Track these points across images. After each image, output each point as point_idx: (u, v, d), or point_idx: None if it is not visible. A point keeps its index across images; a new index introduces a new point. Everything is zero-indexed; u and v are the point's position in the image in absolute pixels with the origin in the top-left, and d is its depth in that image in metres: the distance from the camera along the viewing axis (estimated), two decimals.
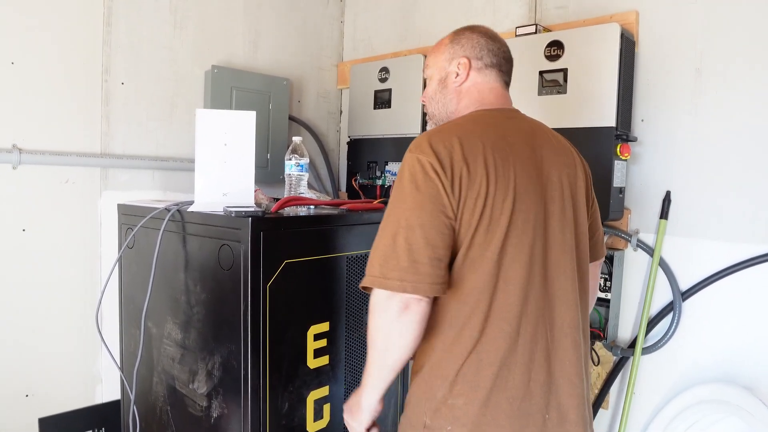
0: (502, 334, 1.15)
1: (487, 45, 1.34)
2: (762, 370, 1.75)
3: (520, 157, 1.21)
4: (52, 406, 2.06)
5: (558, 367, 1.22)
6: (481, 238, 1.15)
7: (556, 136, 1.35)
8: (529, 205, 1.19)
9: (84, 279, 2.13)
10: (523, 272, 1.17)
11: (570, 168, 1.30)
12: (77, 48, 2.08)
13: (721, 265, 1.82)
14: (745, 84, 1.78)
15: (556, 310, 1.22)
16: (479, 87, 1.33)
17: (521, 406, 1.16)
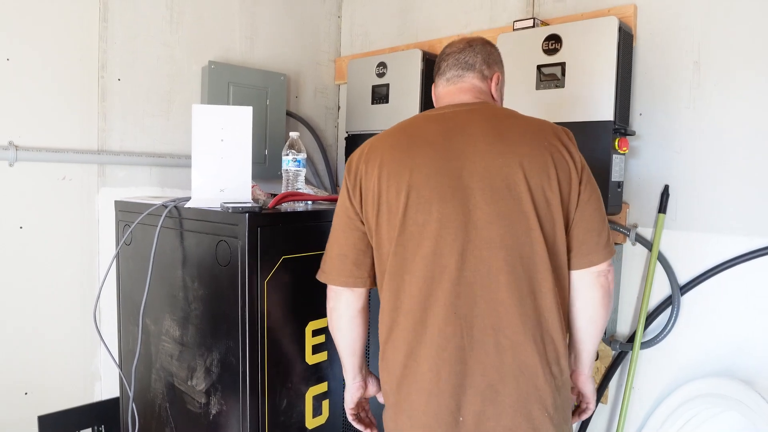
0: (407, 326, 1.24)
1: (437, 60, 1.44)
2: (760, 364, 1.75)
3: (425, 152, 1.24)
4: (51, 404, 2.06)
5: (477, 369, 1.19)
6: (385, 234, 1.27)
7: (516, 127, 1.26)
8: (435, 200, 1.20)
9: (82, 276, 2.12)
10: (425, 266, 1.21)
11: (529, 162, 1.20)
12: (73, 44, 2.06)
13: (719, 258, 1.82)
14: (744, 77, 1.77)
15: (476, 309, 1.19)
16: (436, 96, 1.44)
17: (429, 400, 1.21)
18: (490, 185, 1.20)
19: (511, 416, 1.19)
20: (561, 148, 1.24)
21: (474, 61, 1.37)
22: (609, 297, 1.31)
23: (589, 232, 1.26)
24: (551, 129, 1.27)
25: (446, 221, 1.20)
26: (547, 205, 1.21)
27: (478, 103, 1.32)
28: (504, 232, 1.19)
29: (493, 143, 1.22)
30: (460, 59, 1.37)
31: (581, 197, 1.24)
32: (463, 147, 1.23)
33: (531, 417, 1.19)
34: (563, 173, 1.22)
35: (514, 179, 1.19)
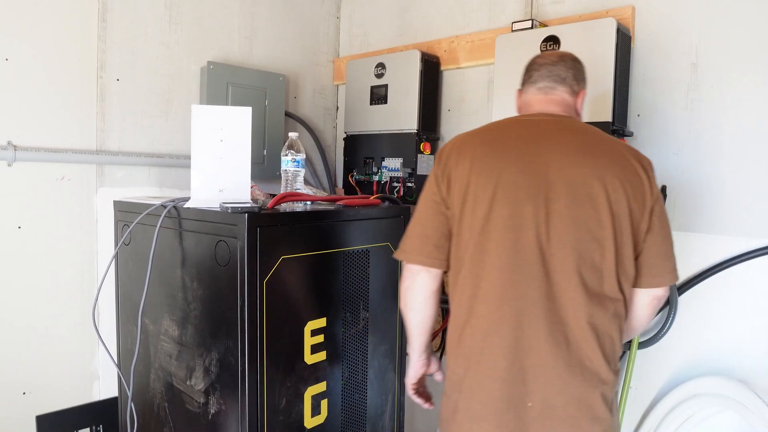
0: (485, 314, 1.33)
1: (528, 68, 1.51)
2: (757, 364, 1.76)
3: (514, 152, 1.34)
4: (49, 404, 2.06)
5: (548, 360, 1.28)
6: (467, 224, 1.35)
7: (602, 144, 1.35)
8: (521, 198, 1.30)
9: (80, 276, 2.12)
10: (507, 258, 1.30)
11: (610, 177, 1.28)
12: (72, 44, 2.07)
13: (717, 259, 1.83)
14: (742, 79, 1.78)
15: (549, 303, 1.28)
16: (524, 102, 1.50)
17: (503, 387, 1.30)
18: (573, 192, 1.28)
19: (577, 405, 1.28)
20: (641, 172, 1.32)
21: (566, 76, 1.44)
22: (653, 318, 1.46)
23: (659, 257, 1.35)
24: (633, 153, 1.35)
25: (529, 219, 1.29)
26: (620, 219, 1.28)
27: (566, 117, 1.42)
28: (579, 236, 1.27)
29: (578, 154, 1.31)
30: (553, 72, 1.44)
31: (653, 222, 1.32)
32: (550, 153, 1.32)
33: (594, 407, 1.29)
34: (638, 194, 1.30)
35: (595, 190, 1.28)
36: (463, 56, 2.47)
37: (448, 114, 2.59)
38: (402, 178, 2.47)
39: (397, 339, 1.95)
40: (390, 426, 1.95)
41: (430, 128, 2.52)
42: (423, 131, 2.47)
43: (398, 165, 2.49)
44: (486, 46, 2.37)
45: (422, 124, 2.46)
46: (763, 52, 1.74)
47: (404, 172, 2.47)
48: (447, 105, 2.59)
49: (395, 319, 1.94)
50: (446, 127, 2.59)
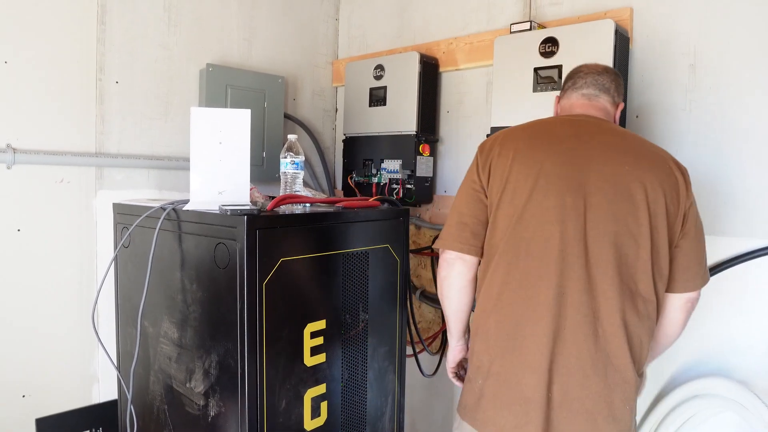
0: (516, 301, 1.37)
1: (572, 74, 1.57)
2: (756, 364, 1.76)
3: (557, 147, 1.38)
4: (49, 407, 2.06)
5: (573, 352, 1.31)
6: (504, 212, 1.40)
7: (642, 146, 1.40)
8: (562, 190, 1.33)
9: (80, 278, 2.12)
10: (543, 248, 1.33)
11: (649, 177, 1.32)
12: (71, 46, 2.07)
13: (716, 260, 1.83)
14: (740, 79, 1.78)
15: (582, 297, 1.31)
16: (567, 105, 1.55)
17: (531, 376, 1.33)
18: (612, 187, 1.31)
19: (595, 401, 1.30)
20: (678, 175, 1.36)
21: (610, 86, 1.51)
22: (687, 322, 1.49)
23: (693, 261, 1.40)
24: (671, 157, 1.40)
25: (569, 210, 1.32)
26: (657, 218, 1.32)
27: (607, 121, 1.47)
28: (617, 230, 1.30)
29: (618, 152, 1.35)
30: (598, 81, 1.50)
31: (688, 226, 1.37)
32: (592, 149, 1.36)
33: (613, 406, 1.31)
34: (675, 196, 1.34)
35: (633, 187, 1.31)
36: (461, 58, 2.48)
37: (447, 115, 2.59)
38: (401, 180, 2.48)
39: (396, 341, 1.95)
40: (390, 427, 1.95)
41: (429, 130, 2.53)
42: (422, 133, 2.47)
43: (397, 167, 2.49)
44: (484, 47, 2.37)
45: (421, 126, 2.46)
46: (762, 53, 1.74)
47: (403, 174, 2.47)
48: (446, 106, 2.59)
49: (395, 321, 1.94)
50: (445, 129, 2.60)
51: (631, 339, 1.32)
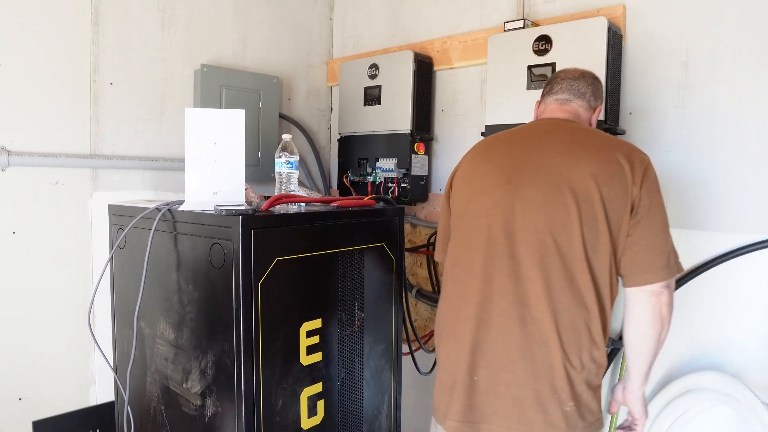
0: (456, 291, 1.49)
1: (550, 80, 1.61)
2: (749, 358, 1.77)
3: (501, 149, 1.49)
4: (45, 409, 2.06)
5: (499, 338, 1.38)
6: (454, 214, 1.55)
7: (589, 139, 1.41)
8: (494, 187, 1.42)
9: (76, 280, 2.12)
10: (474, 240, 1.44)
11: (593, 169, 1.34)
12: (65, 48, 2.07)
13: (709, 255, 1.84)
14: (732, 76, 1.79)
15: (508, 282, 1.38)
16: (541, 111, 1.61)
17: (459, 357, 1.43)
18: (544, 179, 1.36)
19: (522, 387, 1.34)
20: (625, 165, 1.34)
21: (585, 91, 1.54)
22: (659, 318, 1.37)
23: (646, 251, 1.35)
24: (623, 149, 1.38)
25: (499, 202, 1.40)
26: (589, 206, 1.32)
27: (570, 120, 1.50)
28: (549, 220, 1.34)
29: (560, 146, 1.40)
30: (573, 86, 1.55)
31: (638, 216, 1.34)
32: (537, 148, 1.42)
33: (540, 395, 1.33)
34: (615, 186, 1.33)
35: (563, 178, 1.34)
36: (455, 56, 2.48)
37: (441, 114, 2.60)
38: (396, 179, 2.48)
39: (392, 339, 1.95)
40: (387, 426, 1.96)
41: (424, 128, 2.53)
42: (417, 131, 2.48)
43: (392, 165, 2.50)
44: (478, 46, 2.38)
45: (416, 125, 2.47)
46: (753, 49, 1.75)
47: (398, 173, 2.48)
48: (440, 105, 2.60)
49: (391, 319, 1.94)
50: (440, 127, 2.60)
51: (562, 327, 1.32)
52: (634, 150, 1.39)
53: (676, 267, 1.36)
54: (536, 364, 1.34)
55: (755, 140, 1.75)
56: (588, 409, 1.37)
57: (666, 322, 1.38)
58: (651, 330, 1.38)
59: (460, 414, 1.43)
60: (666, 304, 1.37)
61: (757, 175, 1.75)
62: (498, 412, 1.38)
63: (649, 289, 1.35)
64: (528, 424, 1.35)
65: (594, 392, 1.39)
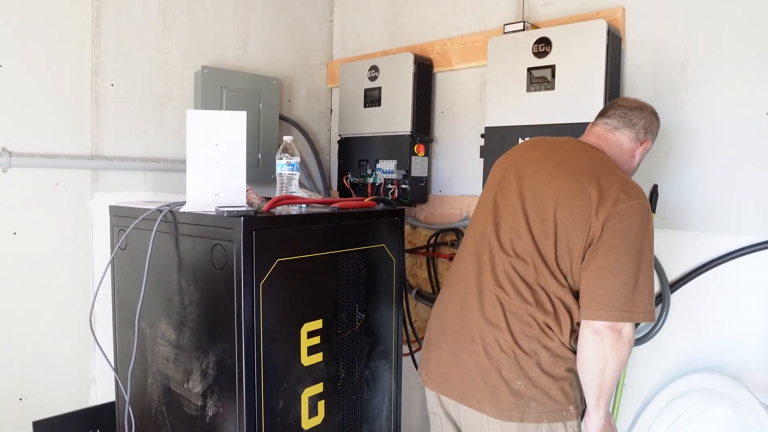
0: (448, 280, 1.68)
1: (608, 104, 1.65)
2: (748, 359, 1.78)
3: (508, 162, 1.61)
4: (46, 409, 2.06)
5: (466, 319, 1.52)
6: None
7: (577, 161, 1.48)
8: (493, 191, 1.59)
9: (76, 281, 2.13)
10: (470, 239, 1.61)
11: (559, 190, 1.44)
12: (66, 50, 2.07)
13: (708, 256, 1.85)
14: (731, 78, 1.80)
15: (482, 276, 1.52)
16: (588, 131, 1.67)
17: (436, 325, 1.64)
18: (532, 193, 1.48)
19: (477, 365, 1.46)
20: (594, 196, 1.38)
21: (637, 123, 1.56)
22: (600, 356, 1.35)
23: (594, 288, 1.36)
24: (598, 179, 1.40)
25: (491, 208, 1.56)
26: (544, 223, 1.44)
27: (587, 144, 1.56)
28: (531, 226, 1.46)
29: (551, 163, 1.49)
30: (627, 115, 1.57)
31: (596, 251, 1.36)
32: (535, 162, 1.53)
33: (488, 375, 1.44)
34: (582, 215, 1.38)
35: (546, 196, 1.45)
36: (455, 58, 2.49)
37: (441, 116, 2.60)
38: (396, 180, 2.49)
39: (393, 340, 1.96)
40: (387, 426, 1.96)
41: (424, 130, 2.54)
42: (417, 133, 2.48)
43: (392, 167, 2.50)
44: (478, 48, 2.39)
45: (416, 126, 2.48)
46: (752, 51, 1.76)
47: (398, 174, 2.49)
48: (440, 107, 2.61)
49: (391, 321, 1.95)
50: (440, 129, 2.61)
51: (510, 317, 1.45)
52: (616, 186, 1.38)
53: (632, 314, 1.32)
54: (488, 344, 1.45)
55: (754, 142, 1.76)
56: (547, 395, 1.41)
57: (610, 362, 1.35)
58: (593, 364, 1.37)
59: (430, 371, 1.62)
60: (610, 344, 1.34)
61: (757, 177, 1.76)
62: (461, 383, 1.50)
63: (593, 326, 1.35)
64: (477, 392, 1.46)
65: (555, 380, 1.42)
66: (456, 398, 1.52)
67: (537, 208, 1.45)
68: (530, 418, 1.39)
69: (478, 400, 1.45)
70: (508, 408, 1.40)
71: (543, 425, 1.41)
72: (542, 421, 1.40)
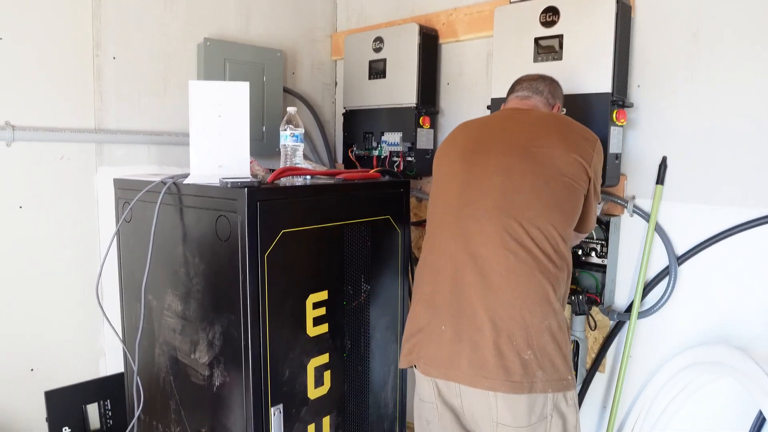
0: (425, 250, 1.64)
1: (513, 84, 1.78)
2: (755, 332, 1.78)
3: (466, 133, 1.67)
4: (57, 380, 2.09)
5: (463, 293, 1.47)
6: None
7: (536, 120, 1.58)
8: (457, 161, 1.59)
9: (83, 254, 2.14)
10: (444, 206, 1.58)
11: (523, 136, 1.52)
12: (67, 23, 2.05)
13: (716, 229, 1.83)
14: (741, 48, 1.76)
15: (471, 242, 1.48)
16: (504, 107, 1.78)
17: (426, 310, 1.55)
18: (506, 149, 1.51)
19: (478, 340, 1.42)
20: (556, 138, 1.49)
21: (543, 90, 1.72)
22: None
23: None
24: (566, 127, 1.54)
25: (459, 172, 1.56)
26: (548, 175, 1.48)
27: (526, 109, 1.67)
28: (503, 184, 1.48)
29: (513, 128, 1.56)
30: (532, 85, 1.72)
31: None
32: (494, 127, 1.61)
33: (500, 348, 1.39)
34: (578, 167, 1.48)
35: (516, 147, 1.50)
36: (461, 29, 2.45)
37: (447, 87, 2.57)
38: (402, 153, 2.47)
39: (398, 311, 1.97)
40: (392, 396, 1.98)
41: (430, 102, 2.51)
42: (422, 105, 2.46)
43: (398, 139, 2.48)
44: (484, 18, 2.34)
45: (421, 98, 2.45)
46: (762, 23, 1.72)
47: (404, 147, 2.47)
48: (446, 78, 2.57)
49: (396, 292, 1.95)
50: (445, 101, 2.58)
51: (514, 284, 1.45)
52: (572, 129, 1.55)
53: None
54: (497, 315, 1.41)
55: (760, 115, 1.73)
56: (552, 363, 1.40)
57: None
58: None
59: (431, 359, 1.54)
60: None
61: (765, 150, 1.73)
62: (463, 361, 1.44)
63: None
64: (487, 369, 1.40)
65: (560, 348, 1.42)
66: (464, 381, 1.44)
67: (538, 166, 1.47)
68: (537, 388, 1.39)
69: (488, 377, 1.40)
70: (518, 379, 1.38)
71: (549, 395, 1.41)
72: (547, 391, 1.40)
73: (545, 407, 1.41)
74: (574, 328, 2.11)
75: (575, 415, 1.47)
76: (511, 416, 1.40)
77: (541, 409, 1.41)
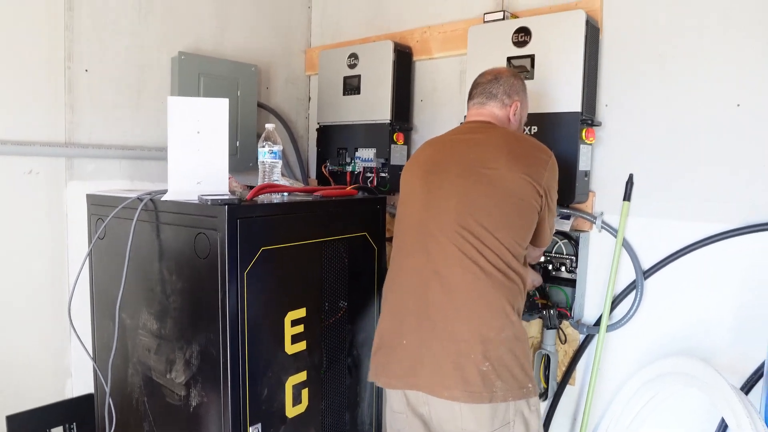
0: (392, 265, 1.68)
1: (471, 88, 1.77)
2: (717, 343, 1.85)
3: (426, 151, 1.72)
4: (23, 402, 2.02)
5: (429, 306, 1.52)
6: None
7: (487, 139, 1.61)
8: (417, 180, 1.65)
9: (51, 272, 2.08)
10: (408, 223, 1.64)
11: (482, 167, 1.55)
12: (38, 33, 2.01)
13: (680, 244, 1.90)
14: (707, 69, 1.85)
15: (430, 258, 1.54)
16: (467, 116, 1.78)
17: (392, 322, 1.61)
18: (462, 169, 1.55)
19: (438, 351, 1.48)
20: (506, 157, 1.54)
21: (497, 92, 1.69)
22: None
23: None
24: (518, 144, 1.58)
25: (420, 192, 1.61)
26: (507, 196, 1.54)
27: (485, 122, 1.68)
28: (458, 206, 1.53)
29: (466, 149, 1.60)
30: (486, 89, 1.70)
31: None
32: (451, 147, 1.64)
33: (458, 360, 1.45)
34: (528, 186, 1.53)
35: (472, 168, 1.55)
36: (435, 47, 2.50)
37: (420, 104, 2.61)
38: (375, 168, 2.49)
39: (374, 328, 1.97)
40: (368, 413, 1.98)
41: (403, 118, 2.54)
42: (396, 121, 2.49)
43: (371, 155, 2.50)
44: (458, 36, 2.40)
45: (395, 115, 2.48)
46: (730, 43, 1.80)
47: (377, 163, 2.49)
48: (420, 95, 2.61)
49: (372, 309, 1.96)
50: (419, 118, 2.62)
51: (473, 298, 1.51)
52: (524, 144, 1.61)
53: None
54: (455, 329, 1.47)
55: (727, 133, 1.82)
56: (510, 374, 1.46)
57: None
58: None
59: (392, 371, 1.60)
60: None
61: (728, 168, 1.82)
62: (425, 369, 1.50)
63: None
64: (447, 380, 1.47)
65: (517, 359, 1.47)
66: (425, 389, 1.50)
67: (481, 187, 1.53)
68: (498, 397, 1.44)
69: (448, 387, 1.46)
70: (478, 389, 1.44)
71: (510, 404, 1.46)
72: (508, 400, 1.45)
73: (507, 413, 1.47)
74: (545, 342, 2.16)
75: (537, 420, 1.53)
76: (475, 423, 1.46)
77: (503, 415, 1.47)
